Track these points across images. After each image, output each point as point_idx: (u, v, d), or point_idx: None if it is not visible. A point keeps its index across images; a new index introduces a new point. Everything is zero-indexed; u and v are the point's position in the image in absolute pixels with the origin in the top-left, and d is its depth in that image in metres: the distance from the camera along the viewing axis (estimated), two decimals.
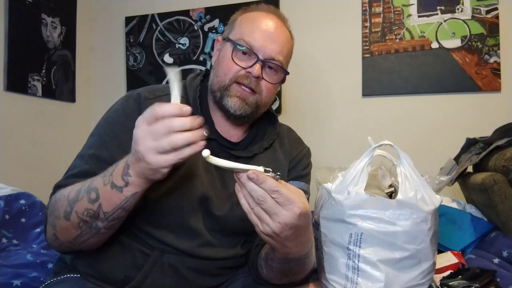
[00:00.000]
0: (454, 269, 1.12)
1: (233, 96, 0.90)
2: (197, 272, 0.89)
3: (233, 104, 0.90)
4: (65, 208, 0.76)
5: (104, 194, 0.72)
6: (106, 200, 0.72)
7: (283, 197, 0.65)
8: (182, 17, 2.44)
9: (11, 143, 2.07)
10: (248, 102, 0.91)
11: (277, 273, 0.84)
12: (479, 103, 1.94)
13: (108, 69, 2.63)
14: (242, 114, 0.91)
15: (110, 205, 0.72)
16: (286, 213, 0.65)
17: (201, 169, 0.89)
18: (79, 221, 0.75)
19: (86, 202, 0.73)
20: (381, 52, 2.09)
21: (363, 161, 0.86)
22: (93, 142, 0.88)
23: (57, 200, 0.79)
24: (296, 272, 0.83)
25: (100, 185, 0.72)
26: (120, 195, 0.71)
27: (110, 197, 0.72)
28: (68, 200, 0.76)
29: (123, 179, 0.70)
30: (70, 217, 0.75)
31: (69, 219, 0.75)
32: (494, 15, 1.92)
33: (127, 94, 0.93)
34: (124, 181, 0.70)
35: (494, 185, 1.27)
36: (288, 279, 0.86)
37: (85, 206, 0.74)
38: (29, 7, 2.17)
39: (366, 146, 0.89)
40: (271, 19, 0.94)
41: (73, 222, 0.75)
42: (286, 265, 0.79)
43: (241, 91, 0.90)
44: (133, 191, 0.71)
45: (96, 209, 0.73)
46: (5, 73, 2.04)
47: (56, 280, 0.90)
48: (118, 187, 0.70)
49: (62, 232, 0.79)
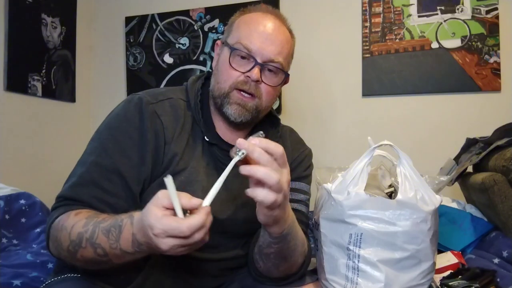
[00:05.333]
0: (454, 269, 1.12)
1: (233, 104, 0.90)
2: (198, 273, 0.89)
3: (233, 111, 0.90)
4: (68, 246, 0.76)
5: (114, 255, 0.72)
6: (117, 258, 0.73)
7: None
8: (182, 17, 2.44)
9: (11, 143, 2.07)
10: (247, 108, 0.90)
11: (275, 260, 0.84)
12: (479, 103, 1.94)
13: (108, 69, 2.62)
14: (243, 120, 0.91)
15: (121, 260, 0.73)
16: (285, 170, 0.71)
17: (203, 174, 0.89)
18: (86, 261, 0.76)
19: (92, 253, 0.73)
20: (381, 52, 2.09)
21: (363, 161, 0.86)
22: (94, 148, 0.86)
23: (59, 229, 0.78)
24: (292, 250, 0.83)
25: (107, 246, 0.72)
26: (133, 256, 0.72)
27: (121, 256, 0.72)
28: (70, 240, 0.75)
29: (135, 249, 0.70)
30: (75, 256, 0.76)
31: (75, 257, 0.76)
32: (494, 15, 1.92)
33: (128, 98, 0.92)
34: (137, 251, 0.70)
35: (494, 185, 1.27)
36: (286, 264, 0.86)
37: (92, 256, 0.74)
38: (29, 7, 2.17)
39: (366, 146, 0.90)
40: (268, 20, 0.92)
41: (79, 259, 0.76)
42: (282, 244, 0.79)
43: (241, 98, 0.89)
44: (144, 254, 0.71)
45: (106, 260, 0.74)
46: (5, 73, 2.03)
47: (56, 279, 0.89)
48: (130, 253, 0.71)
49: (67, 259, 0.79)
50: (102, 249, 0.72)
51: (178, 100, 0.93)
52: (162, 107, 0.89)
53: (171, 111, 0.90)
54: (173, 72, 2.45)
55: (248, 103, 0.90)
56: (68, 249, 0.76)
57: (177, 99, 0.93)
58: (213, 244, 0.88)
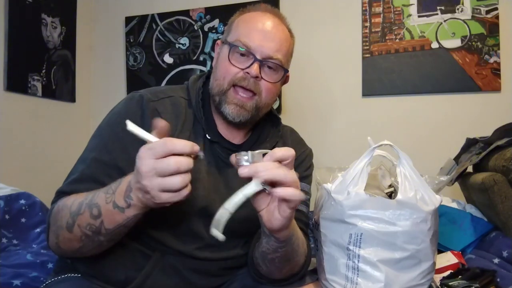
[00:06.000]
0: (454, 269, 1.12)
1: (230, 103, 0.89)
2: (198, 272, 0.89)
3: (230, 111, 0.89)
4: (67, 220, 0.76)
5: (106, 212, 0.72)
6: (108, 218, 0.73)
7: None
8: (182, 17, 2.44)
9: (11, 143, 2.06)
10: (246, 108, 0.90)
11: (280, 264, 0.83)
12: (479, 103, 1.94)
13: (108, 69, 2.63)
14: (242, 120, 0.90)
15: (111, 222, 0.73)
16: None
17: (204, 172, 0.89)
18: (81, 234, 0.76)
19: (88, 217, 0.74)
20: (381, 52, 2.09)
21: (363, 161, 0.86)
22: (95, 145, 0.87)
23: (60, 210, 0.79)
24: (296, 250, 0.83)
25: (103, 202, 0.73)
26: (121, 215, 0.72)
27: (112, 215, 0.72)
28: (70, 212, 0.76)
29: (125, 200, 0.70)
30: (72, 229, 0.76)
31: (72, 231, 0.76)
32: (494, 15, 1.92)
33: (129, 95, 0.92)
34: (126, 203, 0.70)
35: (494, 185, 1.27)
36: (289, 266, 0.86)
37: (88, 221, 0.74)
38: (29, 7, 2.17)
39: (366, 146, 0.90)
40: (267, 18, 0.93)
41: (76, 234, 0.76)
42: (287, 247, 0.79)
43: (238, 97, 0.89)
44: (134, 212, 0.71)
45: (98, 225, 0.74)
46: (5, 73, 2.03)
47: (56, 279, 0.90)
48: (120, 208, 0.71)
49: (64, 242, 0.79)
50: (97, 208, 0.73)
51: (179, 98, 0.94)
52: (163, 105, 0.90)
53: (172, 109, 0.90)
54: (173, 72, 2.45)
55: (247, 103, 0.90)
56: (67, 222, 0.76)
57: (178, 97, 0.94)
58: (212, 244, 0.88)
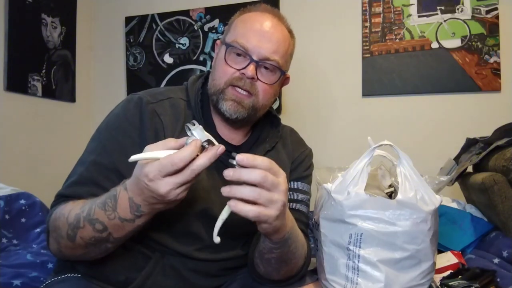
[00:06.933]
0: (454, 269, 1.12)
1: (228, 100, 0.89)
2: (198, 273, 0.89)
3: (228, 107, 0.89)
4: (67, 230, 0.76)
5: (114, 226, 0.72)
6: (116, 230, 0.73)
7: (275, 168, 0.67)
8: (182, 17, 2.44)
9: (11, 143, 2.06)
10: (243, 105, 0.89)
11: (277, 264, 0.83)
12: (479, 103, 1.94)
13: (108, 69, 2.62)
14: (238, 117, 0.90)
15: (121, 232, 0.73)
16: (281, 179, 0.67)
17: (203, 173, 0.89)
18: (86, 244, 0.76)
19: (91, 231, 0.73)
20: (381, 52, 2.09)
21: (363, 161, 0.86)
22: (94, 148, 0.87)
23: (57, 218, 0.79)
24: (293, 253, 0.83)
25: (105, 219, 0.72)
26: (132, 224, 0.72)
27: (121, 227, 0.72)
28: (68, 223, 0.76)
29: (134, 214, 0.70)
30: (74, 240, 0.76)
31: (74, 242, 0.76)
32: (494, 15, 1.92)
33: (128, 97, 0.92)
34: (136, 215, 0.70)
35: (494, 185, 1.27)
36: (287, 268, 0.86)
37: (91, 234, 0.74)
38: (29, 7, 2.17)
39: (366, 146, 0.89)
40: (266, 18, 0.92)
41: (79, 244, 0.76)
42: (283, 249, 0.79)
43: (236, 94, 0.89)
44: (145, 219, 0.72)
45: (106, 236, 0.74)
46: (5, 73, 2.03)
47: (56, 279, 0.90)
48: (129, 220, 0.71)
49: (67, 249, 0.79)
50: (101, 223, 0.72)
51: (178, 99, 0.93)
52: (162, 107, 0.90)
53: (171, 110, 0.90)
54: (173, 72, 2.45)
55: (245, 100, 0.89)
56: (68, 233, 0.76)
57: (177, 98, 0.94)
58: (212, 245, 0.88)
